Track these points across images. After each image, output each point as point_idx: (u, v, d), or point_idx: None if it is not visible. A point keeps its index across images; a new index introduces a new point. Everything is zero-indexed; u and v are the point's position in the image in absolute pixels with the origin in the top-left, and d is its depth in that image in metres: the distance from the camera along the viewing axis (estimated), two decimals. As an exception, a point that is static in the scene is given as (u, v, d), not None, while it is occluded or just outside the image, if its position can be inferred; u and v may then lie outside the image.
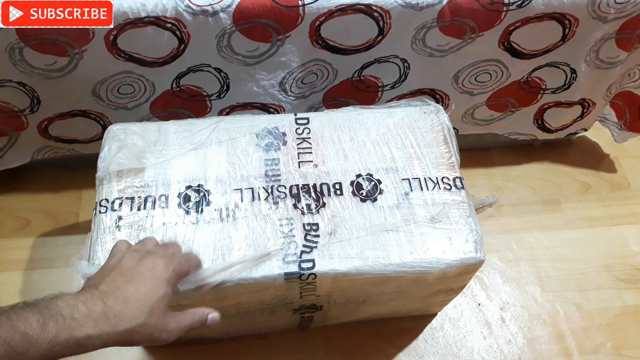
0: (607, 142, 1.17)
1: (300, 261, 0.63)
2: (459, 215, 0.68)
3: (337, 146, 0.73)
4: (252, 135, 0.73)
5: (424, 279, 0.67)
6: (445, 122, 0.76)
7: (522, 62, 0.88)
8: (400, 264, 0.64)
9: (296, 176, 0.70)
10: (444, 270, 0.64)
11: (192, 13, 0.72)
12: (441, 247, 0.65)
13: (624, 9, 0.80)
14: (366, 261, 0.64)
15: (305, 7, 0.74)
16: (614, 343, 0.91)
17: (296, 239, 0.65)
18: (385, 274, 0.64)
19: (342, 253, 0.64)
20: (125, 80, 0.81)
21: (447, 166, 0.72)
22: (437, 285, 0.72)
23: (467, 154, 1.13)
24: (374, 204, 0.68)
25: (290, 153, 0.72)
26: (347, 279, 0.64)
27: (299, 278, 0.63)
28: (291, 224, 0.66)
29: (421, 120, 0.76)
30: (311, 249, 0.64)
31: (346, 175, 0.70)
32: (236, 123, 0.74)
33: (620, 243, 1.03)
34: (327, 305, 0.74)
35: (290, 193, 0.68)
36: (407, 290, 0.72)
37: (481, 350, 0.89)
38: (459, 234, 0.66)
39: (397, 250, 0.65)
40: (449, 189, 0.70)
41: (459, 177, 0.71)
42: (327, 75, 0.86)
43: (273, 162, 0.71)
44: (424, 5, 0.75)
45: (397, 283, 0.67)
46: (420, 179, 0.71)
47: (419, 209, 0.68)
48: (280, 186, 0.69)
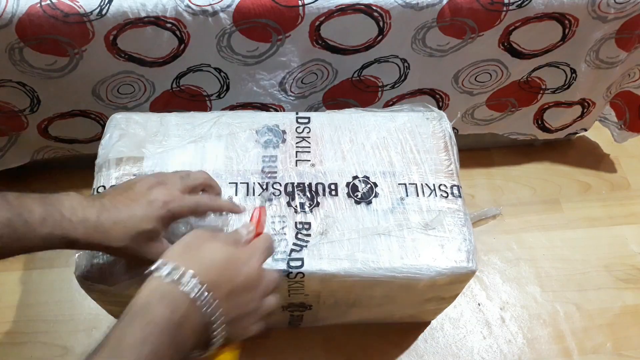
0: (607, 142, 1.16)
1: (289, 259, 0.63)
2: (453, 224, 0.67)
3: (336, 147, 0.73)
4: (252, 132, 0.74)
5: (414, 285, 0.66)
6: (447, 129, 0.75)
7: (522, 62, 0.88)
8: (389, 269, 0.63)
9: (292, 174, 0.70)
10: (434, 278, 0.64)
11: (192, 13, 0.72)
12: (433, 255, 0.64)
13: (624, 9, 0.80)
14: (355, 263, 0.63)
15: (305, 7, 0.74)
16: (614, 343, 0.91)
17: (287, 236, 0.65)
18: (374, 278, 0.63)
19: (332, 254, 0.64)
20: (125, 80, 0.81)
21: (446, 173, 0.72)
22: (428, 292, 0.71)
23: (467, 154, 1.12)
24: (368, 207, 0.68)
25: (288, 151, 0.72)
26: (335, 280, 0.64)
27: (287, 276, 0.63)
28: (283, 222, 0.66)
29: (423, 126, 0.76)
30: (301, 247, 0.64)
31: (342, 176, 0.70)
32: (237, 118, 0.75)
33: (620, 243, 1.03)
34: (316, 305, 0.74)
35: (285, 191, 0.68)
36: (397, 296, 0.71)
37: (481, 350, 0.89)
38: (452, 243, 0.65)
39: (387, 255, 0.64)
40: (445, 197, 0.70)
41: (456, 186, 0.71)
42: (327, 75, 0.86)
43: (271, 159, 0.71)
44: (424, 5, 0.75)
45: (386, 288, 0.67)
46: (417, 184, 0.70)
47: (413, 215, 0.67)
48: (276, 183, 0.69)
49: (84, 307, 0.89)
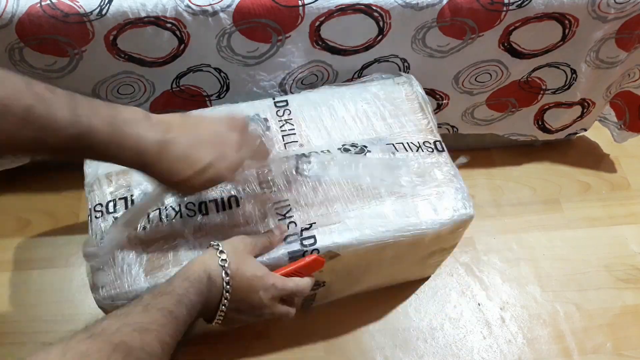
0: (607, 142, 1.16)
1: (301, 239, 0.64)
2: (443, 176, 0.71)
3: (319, 125, 0.75)
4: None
5: (421, 241, 0.69)
6: (418, 91, 0.79)
7: (522, 62, 0.88)
8: (397, 229, 0.66)
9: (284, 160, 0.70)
10: (438, 230, 0.67)
11: (192, 13, 0.72)
12: (433, 208, 0.68)
13: (624, 9, 0.80)
14: (364, 230, 0.65)
15: (305, 7, 0.74)
16: (614, 343, 0.91)
17: (294, 218, 0.66)
18: (385, 241, 0.66)
19: (341, 226, 0.65)
20: (125, 80, 0.81)
21: (427, 131, 0.75)
22: (432, 245, 0.75)
23: (467, 154, 1.13)
24: (365, 158, 0.69)
25: (275, 137, 0.73)
26: (348, 250, 0.65)
27: (303, 255, 0.64)
28: (287, 205, 0.67)
29: (395, 91, 0.79)
30: (310, 225, 0.65)
31: (332, 149, 0.72)
32: (217, 114, 0.74)
33: (620, 243, 1.03)
34: (330, 279, 0.75)
35: (281, 176, 0.69)
36: (404, 254, 0.74)
37: (481, 350, 0.89)
38: (447, 194, 0.69)
39: (393, 216, 0.67)
40: (431, 152, 0.73)
41: (438, 141, 0.74)
42: (327, 77, 0.86)
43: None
44: (423, 5, 0.75)
45: (395, 248, 0.69)
46: (404, 143, 0.73)
47: (406, 171, 0.70)
48: (270, 170, 0.69)
49: (84, 307, 0.89)
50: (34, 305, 0.91)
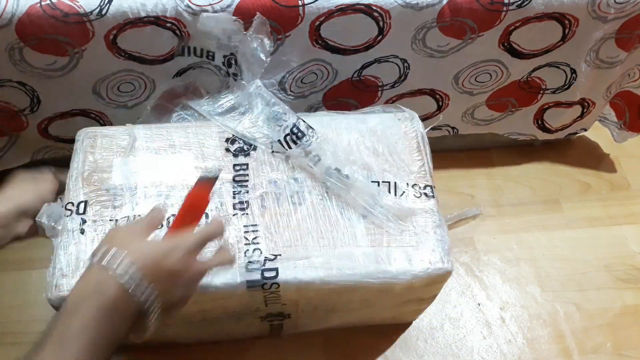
0: (607, 142, 1.16)
1: (263, 269, 0.61)
2: (426, 224, 0.66)
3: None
4: (222, 140, 0.73)
5: (391, 289, 0.65)
6: (419, 130, 0.75)
7: (522, 62, 0.88)
8: (365, 274, 0.62)
9: (264, 182, 0.69)
10: (410, 281, 0.63)
11: (192, 13, 0.72)
12: (408, 257, 0.64)
13: (624, 9, 0.80)
14: (331, 271, 0.62)
15: (305, 7, 0.74)
16: (614, 343, 0.91)
17: (260, 246, 0.63)
18: (350, 284, 0.62)
19: (307, 262, 0.62)
20: (125, 78, 0.81)
21: (419, 174, 0.71)
22: (406, 295, 0.71)
23: (467, 154, 1.13)
24: (342, 210, 0.67)
25: (259, 158, 0.71)
26: (311, 288, 0.63)
27: (262, 287, 0.61)
28: (256, 231, 0.65)
29: (394, 127, 0.75)
30: (275, 256, 0.63)
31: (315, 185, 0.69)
32: (207, 128, 0.74)
33: (620, 243, 1.03)
34: (295, 313, 0.73)
35: (258, 199, 0.68)
36: (375, 300, 0.71)
37: (481, 350, 0.89)
38: (426, 244, 0.65)
39: (362, 260, 0.63)
40: (418, 197, 0.69)
41: (429, 186, 0.70)
42: (327, 75, 0.86)
43: (242, 168, 0.70)
44: (423, 5, 0.75)
45: (363, 292, 0.66)
46: (390, 183, 0.69)
47: (386, 216, 0.66)
48: (247, 192, 0.68)
49: (83, 307, 0.89)
50: (34, 305, 0.91)
